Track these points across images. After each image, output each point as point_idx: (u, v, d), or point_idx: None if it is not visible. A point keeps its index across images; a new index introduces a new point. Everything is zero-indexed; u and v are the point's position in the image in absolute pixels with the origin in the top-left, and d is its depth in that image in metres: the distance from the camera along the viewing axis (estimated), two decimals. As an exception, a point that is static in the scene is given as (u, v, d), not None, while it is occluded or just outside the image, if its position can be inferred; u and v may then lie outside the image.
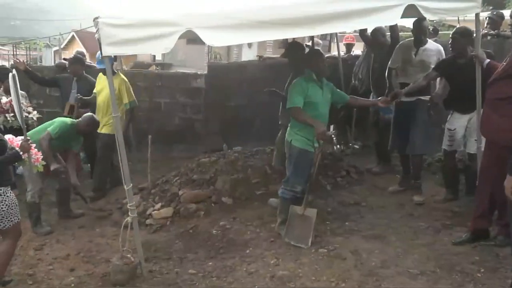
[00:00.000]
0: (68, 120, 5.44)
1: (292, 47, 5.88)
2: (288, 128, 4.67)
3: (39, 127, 5.48)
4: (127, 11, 4.08)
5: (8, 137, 4.14)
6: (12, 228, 3.82)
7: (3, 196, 3.71)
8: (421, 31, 5.42)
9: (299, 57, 5.31)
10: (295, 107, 4.42)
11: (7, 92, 6.08)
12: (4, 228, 3.78)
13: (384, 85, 5.81)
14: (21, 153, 3.90)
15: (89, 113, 5.58)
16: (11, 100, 5.87)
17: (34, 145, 4.53)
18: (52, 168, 5.08)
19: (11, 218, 3.78)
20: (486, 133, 4.13)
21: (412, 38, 5.61)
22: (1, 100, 6.23)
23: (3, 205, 3.71)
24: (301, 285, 3.78)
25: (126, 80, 6.36)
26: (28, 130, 5.86)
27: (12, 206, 3.78)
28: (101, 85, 6.29)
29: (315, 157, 4.43)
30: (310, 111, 4.44)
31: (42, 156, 4.72)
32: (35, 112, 6.44)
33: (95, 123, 5.54)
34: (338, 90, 4.86)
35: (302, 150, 4.47)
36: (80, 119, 5.49)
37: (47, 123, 5.40)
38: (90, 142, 6.33)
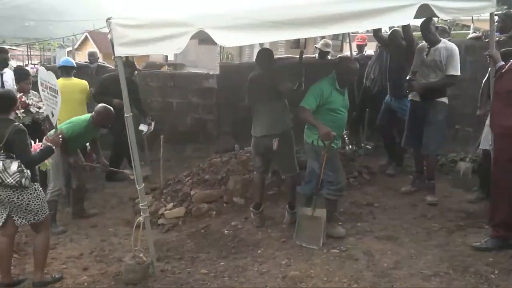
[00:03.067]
0: (83, 119, 5.44)
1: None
2: (306, 130, 4.62)
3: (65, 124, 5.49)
4: (139, 11, 4.11)
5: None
6: (45, 220, 4.02)
7: (37, 191, 3.91)
8: (427, 31, 5.37)
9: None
10: (303, 108, 4.39)
11: (22, 92, 6.13)
12: (39, 221, 3.97)
13: (402, 87, 5.77)
14: (53, 147, 4.02)
15: (101, 105, 5.45)
16: (21, 96, 5.95)
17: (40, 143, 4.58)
18: (71, 160, 5.27)
19: (44, 211, 3.99)
20: (498, 127, 4.08)
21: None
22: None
23: (38, 199, 3.90)
24: (313, 286, 3.77)
25: None
26: (39, 126, 5.92)
27: (44, 200, 4.00)
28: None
29: (322, 158, 4.39)
30: (331, 114, 4.44)
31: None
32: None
33: (109, 113, 5.35)
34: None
35: (317, 146, 4.45)
36: (93, 113, 5.42)
37: (65, 121, 5.42)
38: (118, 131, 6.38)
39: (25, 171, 3.73)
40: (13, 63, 7.73)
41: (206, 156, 6.81)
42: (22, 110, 5.98)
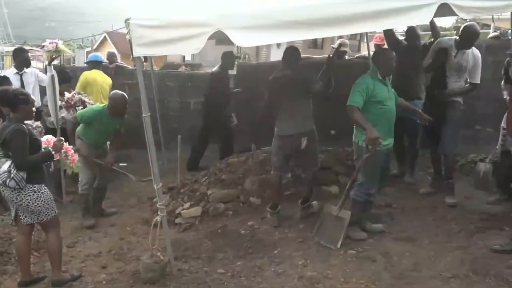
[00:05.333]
0: (97, 106, 5.48)
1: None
2: (354, 130, 4.55)
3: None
4: (157, 12, 4.13)
5: (47, 137, 4.24)
6: (50, 221, 4.01)
7: (38, 193, 3.87)
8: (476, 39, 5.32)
9: None
10: (352, 106, 4.29)
11: (62, 94, 6.28)
12: (42, 222, 3.98)
13: (412, 88, 5.70)
14: (53, 152, 4.00)
15: (115, 91, 5.45)
16: (74, 94, 6.07)
17: (70, 146, 4.61)
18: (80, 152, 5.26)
19: (48, 213, 3.96)
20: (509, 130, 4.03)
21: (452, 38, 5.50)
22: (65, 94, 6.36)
23: (39, 201, 3.88)
24: (330, 287, 3.75)
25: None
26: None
27: (48, 201, 3.95)
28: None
29: (361, 162, 4.31)
30: (378, 108, 4.35)
31: (77, 158, 4.77)
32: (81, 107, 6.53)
33: (122, 99, 5.35)
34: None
35: (365, 148, 4.32)
36: (109, 101, 5.44)
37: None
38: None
39: (12, 172, 3.74)
40: (33, 64, 7.86)
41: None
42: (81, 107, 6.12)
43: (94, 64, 7.37)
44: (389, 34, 6.04)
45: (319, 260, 4.17)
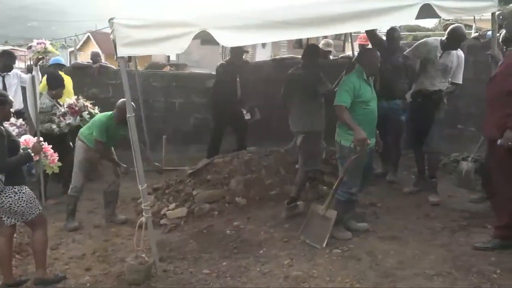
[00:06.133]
0: (103, 115, 5.41)
1: None
2: (337, 128, 4.56)
3: (89, 123, 5.58)
4: (142, 12, 4.11)
5: (25, 137, 4.19)
6: (36, 219, 3.98)
7: (19, 194, 3.84)
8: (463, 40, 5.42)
9: None
10: (340, 106, 4.31)
11: (55, 98, 6.27)
12: (27, 220, 3.96)
13: (396, 88, 5.76)
14: (32, 154, 3.96)
15: (121, 100, 5.14)
16: (76, 99, 6.03)
17: (50, 146, 4.57)
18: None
19: (32, 211, 3.93)
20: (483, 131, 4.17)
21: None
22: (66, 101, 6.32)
23: (21, 201, 3.85)
24: (315, 286, 3.76)
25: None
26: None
27: (30, 201, 3.91)
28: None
29: (349, 163, 4.32)
30: (362, 108, 4.37)
31: (57, 158, 4.75)
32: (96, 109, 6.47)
33: (120, 108, 5.15)
34: None
35: (353, 149, 4.32)
36: (114, 110, 5.31)
37: (91, 120, 5.54)
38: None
39: None
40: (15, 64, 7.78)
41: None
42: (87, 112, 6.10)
43: (57, 67, 7.22)
44: (371, 33, 6.06)
45: (304, 259, 4.18)
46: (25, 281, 4.09)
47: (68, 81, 7.16)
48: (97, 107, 6.42)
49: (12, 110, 3.99)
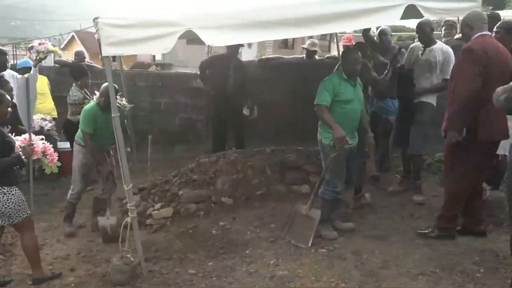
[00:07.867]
0: (88, 104, 5.20)
1: None
2: (318, 127, 4.58)
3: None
4: (127, 11, 4.09)
5: (25, 136, 4.14)
6: (23, 221, 3.94)
7: (8, 195, 3.80)
8: (422, 31, 5.40)
9: None
10: (320, 105, 4.34)
11: (83, 88, 6.36)
12: (14, 223, 3.92)
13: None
14: (23, 157, 3.91)
15: (103, 85, 5.00)
16: None
17: (50, 145, 4.39)
18: (98, 167, 5.15)
19: (19, 214, 3.90)
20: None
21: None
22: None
23: (9, 203, 3.81)
24: (301, 285, 3.77)
25: None
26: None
27: (19, 203, 3.88)
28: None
29: (329, 161, 4.35)
30: (341, 106, 4.38)
31: (57, 157, 4.57)
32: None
33: (104, 92, 4.94)
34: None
35: (332, 147, 4.33)
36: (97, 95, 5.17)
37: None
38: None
39: None
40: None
41: (195, 156, 6.77)
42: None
43: (26, 70, 7.12)
44: (364, 33, 6.24)
45: (290, 259, 4.19)
46: (9, 282, 4.06)
47: (43, 81, 7.11)
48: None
49: (9, 110, 3.94)
